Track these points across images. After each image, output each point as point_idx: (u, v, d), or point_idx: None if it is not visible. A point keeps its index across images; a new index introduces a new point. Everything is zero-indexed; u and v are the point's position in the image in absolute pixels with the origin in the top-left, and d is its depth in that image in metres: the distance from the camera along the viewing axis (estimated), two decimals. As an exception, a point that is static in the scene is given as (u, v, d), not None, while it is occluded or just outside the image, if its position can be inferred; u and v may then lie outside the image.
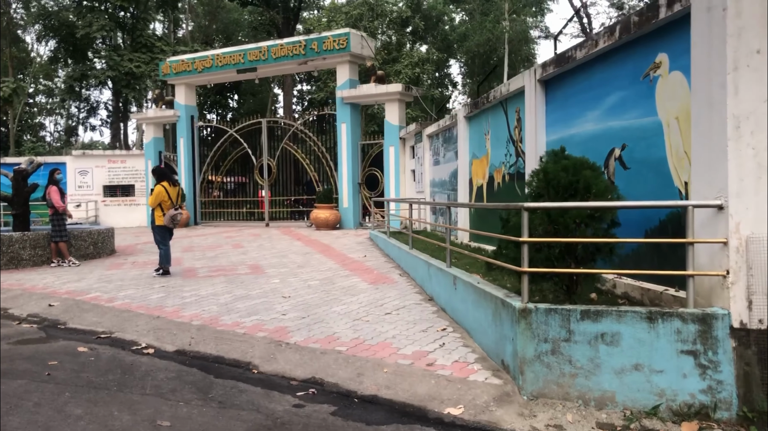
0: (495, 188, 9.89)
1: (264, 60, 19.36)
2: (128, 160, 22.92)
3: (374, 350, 5.86)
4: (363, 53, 18.33)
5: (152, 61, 30.16)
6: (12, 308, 8.60)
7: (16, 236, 12.06)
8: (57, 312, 8.11)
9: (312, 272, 10.21)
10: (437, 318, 6.94)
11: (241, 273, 10.30)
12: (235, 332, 6.67)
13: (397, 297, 8.15)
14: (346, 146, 18.26)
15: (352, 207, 18.28)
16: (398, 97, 17.53)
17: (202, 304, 8.05)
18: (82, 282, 10.01)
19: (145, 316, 7.56)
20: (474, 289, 5.95)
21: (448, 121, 12.78)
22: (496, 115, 9.77)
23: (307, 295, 8.41)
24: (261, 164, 20.52)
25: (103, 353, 6.34)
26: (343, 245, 13.78)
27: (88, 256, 12.88)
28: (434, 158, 14.39)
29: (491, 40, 46.71)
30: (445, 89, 45.69)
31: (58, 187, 12.27)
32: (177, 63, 21.28)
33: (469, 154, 11.38)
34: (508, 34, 46.08)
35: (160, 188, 10.06)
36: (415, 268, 9.04)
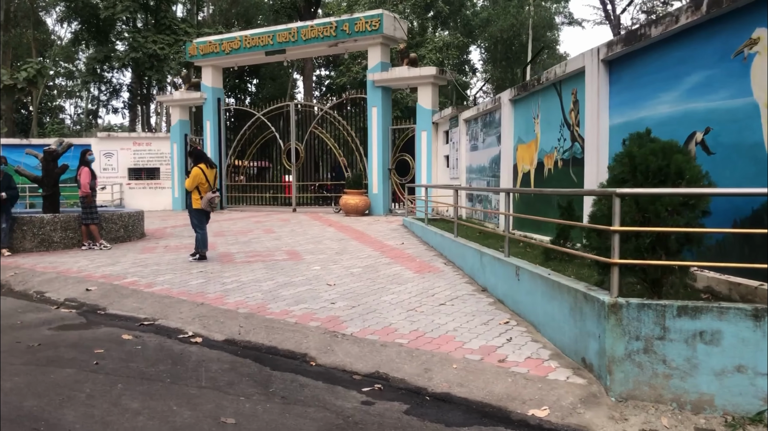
0: (545, 174, 9.49)
1: (293, 42, 18.97)
2: (153, 143, 22.69)
3: (437, 343, 5.52)
4: (395, 35, 17.89)
5: (176, 43, 29.85)
6: (48, 292, 8.36)
7: (47, 218, 11.83)
8: (95, 297, 7.85)
9: (352, 259, 9.88)
10: (496, 311, 6.59)
11: (279, 260, 9.99)
12: (286, 321, 6.36)
13: (446, 287, 7.80)
14: (377, 131, 17.88)
15: (382, 193, 17.92)
16: (432, 81, 17.09)
17: (246, 291, 7.75)
18: (116, 266, 9.75)
19: (188, 303, 7.27)
20: (544, 281, 5.58)
21: (489, 104, 12.35)
22: (548, 98, 9.35)
23: (352, 283, 8.08)
24: (288, 148, 20.19)
25: (149, 341, 6.06)
26: (377, 232, 13.44)
27: (119, 239, 12.64)
28: (472, 143, 13.98)
29: (515, 25, 46.01)
30: (465, 75, 44.97)
31: (89, 168, 12.00)
32: (204, 44, 20.95)
33: (513, 139, 10.96)
34: (532, 19, 45.32)
35: (198, 170, 9.76)
36: (463, 257, 8.68)
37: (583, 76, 8.09)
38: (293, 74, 45.10)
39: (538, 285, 5.76)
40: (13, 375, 4.99)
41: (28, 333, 6.35)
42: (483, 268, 7.63)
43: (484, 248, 7.90)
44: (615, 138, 7.36)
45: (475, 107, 13.53)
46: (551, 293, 5.42)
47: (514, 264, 6.46)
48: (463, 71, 49.40)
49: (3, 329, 6.54)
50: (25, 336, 6.22)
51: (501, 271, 6.93)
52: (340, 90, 40.01)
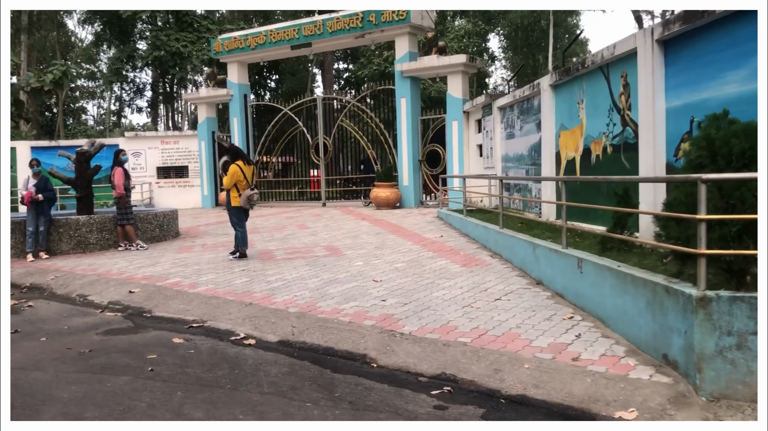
0: (593, 161, 9.18)
1: (319, 34, 18.74)
2: (181, 141, 22.63)
3: (502, 342, 5.28)
4: (423, 24, 17.57)
5: (198, 41, 29.81)
6: (91, 295, 8.25)
7: (83, 220, 11.76)
8: (139, 300, 7.72)
9: (393, 254, 9.66)
10: (556, 305, 6.33)
11: (319, 256, 9.80)
12: (340, 320, 6.16)
13: (498, 280, 7.54)
14: (406, 122, 17.60)
15: (413, 185, 17.65)
16: (462, 69, 16.76)
17: (292, 289, 7.57)
18: (156, 266, 9.63)
19: (236, 303, 7.10)
20: (614, 273, 5.31)
21: (527, 90, 12.02)
22: (594, 82, 9.03)
23: (399, 279, 7.86)
24: (316, 143, 19.99)
25: (202, 345, 5.89)
26: (412, 224, 13.20)
27: (154, 239, 12.55)
28: (507, 131, 13.66)
29: (535, 11, 45.37)
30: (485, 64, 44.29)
31: (123, 168, 11.90)
32: (229, 40, 20.80)
33: (555, 126, 10.64)
34: (553, 4, 44.66)
35: (236, 168, 9.59)
36: (511, 249, 8.41)
37: (634, 58, 7.77)
38: (312, 69, 44.95)
39: (605, 278, 5.49)
40: (70, 383, 4.84)
41: (77, 339, 6.22)
42: (537, 260, 7.36)
43: (536, 240, 7.64)
44: (672, 121, 7.04)
45: (511, 94, 13.20)
46: (622, 286, 5.14)
47: (576, 256, 6.19)
48: (483, 59, 48.69)
49: (51, 335, 6.43)
50: (74, 342, 6.09)
51: (559, 263, 6.66)
52: (360, 82, 39.77)
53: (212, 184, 22.21)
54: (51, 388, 4.75)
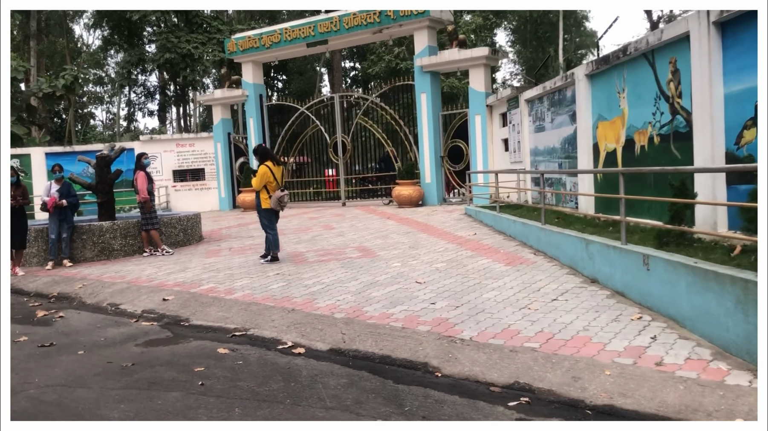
0: (637, 152, 8.80)
1: (336, 31, 18.41)
2: (197, 143, 22.36)
3: (573, 346, 4.95)
4: (442, 17, 17.23)
5: (209, 42, 29.56)
6: (123, 303, 7.96)
7: (107, 226, 11.48)
8: (174, 308, 7.42)
9: (430, 253, 9.33)
10: (619, 305, 5.99)
11: (353, 257, 9.48)
12: (392, 326, 5.83)
13: (548, 279, 7.21)
14: (427, 117, 17.26)
15: (436, 182, 17.31)
16: (484, 62, 16.39)
17: (333, 293, 7.25)
18: (187, 272, 9.34)
19: (277, 309, 6.78)
20: (691, 271, 4.96)
21: (559, 81, 11.66)
22: (637, 69, 8.65)
23: (443, 280, 7.53)
24: (335, 141, 19.67)
25: (249, 355, 5.58)
26: (441, 222, 12.87)
27: (179, 244, 12.26)
28: (536, 124, 13.29)
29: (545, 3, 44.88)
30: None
31: (145, 172, 11.62)
32: (243, 40, 20.50)
33: (592, 117, 10.28)
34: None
35: (265, 168, 9.27)
36: (558, 246, 8.07)
37: (683, 43, 7.41)
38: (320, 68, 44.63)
39: (680, 276, 5.14)
40: (118, 401, 4.54)
41: (117, 352, 5.92)
42: (590, 258, 7.01)
43: (589, 236, 7.28)
44: (732, 108, 6.67)
45: (540, 86, 12.84)
46: (703, 283, 4.79)
47: (641, 253, 5.84)
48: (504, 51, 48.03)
49: (88, 347, 6.13)
50: (114, 355, 5.79)
51: (618, 260, 6.32)
52: (369, 80, 39.39)
53: (229, 186, 21.95)
54: (99, 407, 4.45)
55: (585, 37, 51.32)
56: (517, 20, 48.23)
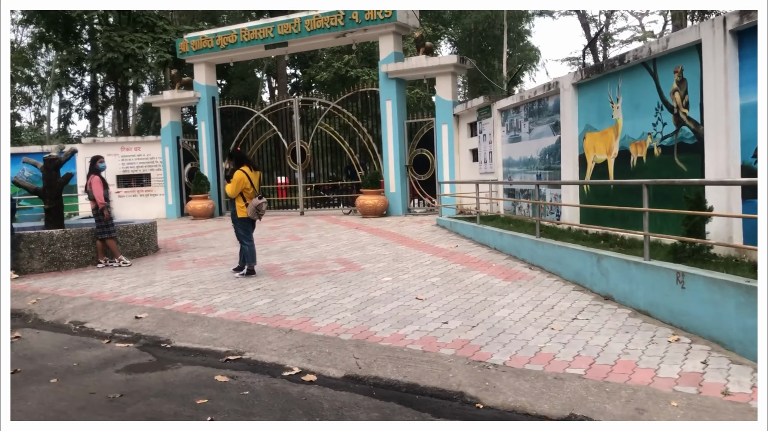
0: (633, 164, 8.56)
1: (297, 33, 17.77)
2: (143, 147, 21.24)
3: (622, 372, 4.54)
4: (408, 23, 16.84)
5: (153, 42, 28.30)
6: (88, 321, 7.14)
7: (57, 234, 10.52)
8: (150, 327, 6.67)
9: (418, 267, 8.84)
10: (647, 325, 5.64)
11: (336, 270, 8.90)
12: (410, 349, 5.30)
13: (557, 296, 6.83)
14: (392, 125, 16.80)
15: (401, 192, 16.86)
16: (452, 70, 16.08)
17: (329, 311, 6.66)
18: (154, 286, 8.55)
19: (272, 329, 6.15)
20: (744, 290, 4.62)
21: (539, 90, 11.40)
22: (635, 79, 8.42)
23: (445, 296, 7.06)
24: (293, 148, 18.97)
25: (253, 383, 4.94)
26: (415, 234, 12.40)
27: (135, 254, 11.38)
28: (511, 134, 13.02)
29: (490, 16, 45.39)
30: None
31: (100, 176, 10.74)
32: (196, 40, 19.60)
33: (578, 127, 10.03)
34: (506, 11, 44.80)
35: (242, 174, 8.60)
36: (559, 261, 7.71)
37: (691, 52, 7.20)
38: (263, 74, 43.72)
39: (727, 295, 4.80)
40: (116, 445, 3.85)
41: (97, 380, 5.18)
42: (603, 273, 6.66)
43: (601, 250, 6.94)
44: (749, 119, 6.46)
45: (516, 95, 12.59)
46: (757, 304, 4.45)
47: (672, 270, 5.50)
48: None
49: (61, 374, 5.35)
50: (95, 384, 5.05)
51: (641, 277, 5.97)
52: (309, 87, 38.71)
53: (177, 193, 20.92)
54: (95, 453, 3.75)
55: (527, 51, 52.09)
56: (462, 32, 48.55)
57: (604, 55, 42.29)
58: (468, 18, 44.95)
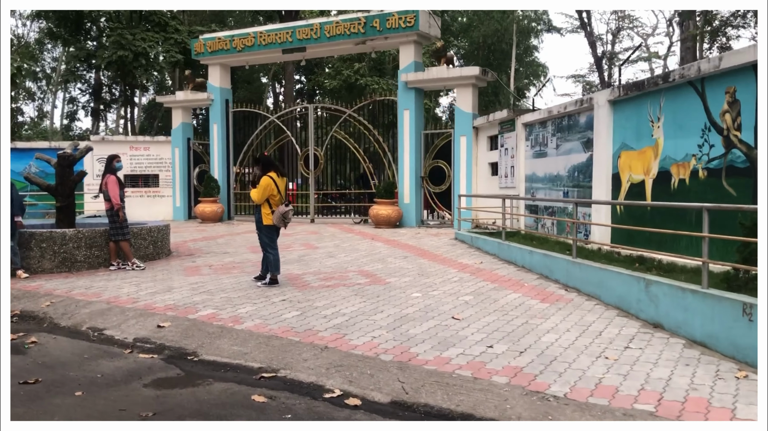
0: (674, 185, 8.27)
1: (315, 39, 17.49)
2: (152, 147, 20.92)
3: (695, 411, 4.23)
4: (430, 33, 16.58)
5: (165, 41, 28.07)
6: (107, 328, 6.80)
7: (70, 233, 10.19)
8: (174, 337, 6.34)
9: (446, 283, 8.53)
10: (706, 357, 5.33)
11: (361, 284, 8.58)
12: (460, 375, 4.98)
13: (602, 322, 6.52)
14: (409, 135, 16.52)
15: (415, 203, 16.56)
16: (473, 82, 15.80)
17: (362, 328, 6.34)
18: (174, 293, 8.21)
19: (305, 346, 5.82)
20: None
21: (570, 106, 11.12)
22: (680, 98, 8.14)
23: (482, 317, 6.74)
24: (306, 154, 18.67)
25: (294, 405, 4.61)
26: (434, 247, 12.09)
27: (148, 257, 11.04)
28: (535, 150, 12.73)
29: (499, 30, 45.31)
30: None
31: (116, 176, 10.43)
32: (212, 41, 19.32)
33: (613, 145, 9.75)
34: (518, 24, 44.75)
35: (269, 180, 8.28)
36: (600, 284, 7.40)
37: (746, 72, 6.91)
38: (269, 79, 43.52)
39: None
40: (158, 474, 3.51)
41: (125, 394, 4.84)
42: (652, 300, 6.35)
43: (650, 275, 6.63)
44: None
45: (544, 110, 12.31)
46: None
47: (737, 300, 5.20)
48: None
49: (85, 386, 5.02)
50: (123, 399, 4.71)
51: (699, 307, 5.66)
52: (312, 94, 38.40)
53: (185, 195, 20.60)
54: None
55: (535, 67, 52.00)
56: (470, 45, 48.46)
57: (609, 73, 42.32)
58: (477, 31, 44.88)
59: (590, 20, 38.94)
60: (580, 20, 39.46)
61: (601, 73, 41.31)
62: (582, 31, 40.19)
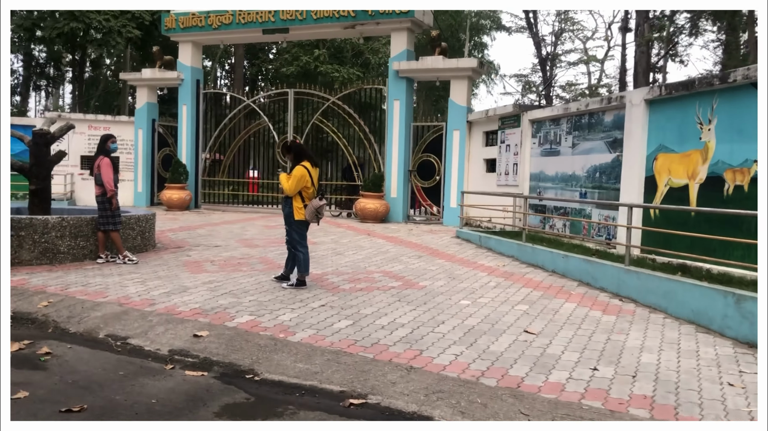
0: (728, 192, 7.87)
1: (301, 20, 16.51)
2: (113, 127, 19.39)
3: None
4: (424, 20, 15.88)
5: (122, 15, 26.31)
6: (132, 337, 5.86)
7: (54, 221, 9.06)
8: (219, 350, 5.47)
9: (486, 289, 7.92)
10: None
11: (395, 287, 7.86)
12: (590, 406, 4.34)
13: (688, 339, 6.04)
14: (399, 127, 15.79)
15: (403, 197, 15.87)
16: (470, 74, 15.21)
17: (434, 342, 5.64)
18: (191, 293, 7.27)
19: (385, 364, 5.08)
20: None
21: (593, 104, 10.66)
22: (740, 100, 7.75)
23: (556, 331, 6.15)
24: (285, 141, 17.66)
25: (414, 445, 3.86)
26: (442, 246, 11.46)
27: (135, 249, 9.97)
28: (545, 147, 12.24)
29: (453, 26, 45.09)
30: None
31: (110, 159, 9.36)
32: (186, 16, 18.03)
33: (648, 146, 9.32)
34: (470, 20, 44.67)
35: (303, 170, 7.44)
36: (669, 296, 6.91)
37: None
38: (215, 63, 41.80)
39: None
40: None
41: (198, 429, 3.98)
42: (746, 317, 5.88)
43: (741, 290, 6.16)
44: None
45: (559, 106, 11.82)
46: None
47: None
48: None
49: (142, 414, 4.13)
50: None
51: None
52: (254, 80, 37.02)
53: (148, 180, 19.34)
54: None
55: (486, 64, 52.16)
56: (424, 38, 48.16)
57: (551, 74, 42.58)
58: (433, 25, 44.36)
59: (536, 21, 39.21)
60: (526, 21, 39.68)
61: (544, 73, 41.63)
62: (527, 31, 40.46)
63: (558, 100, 41.84)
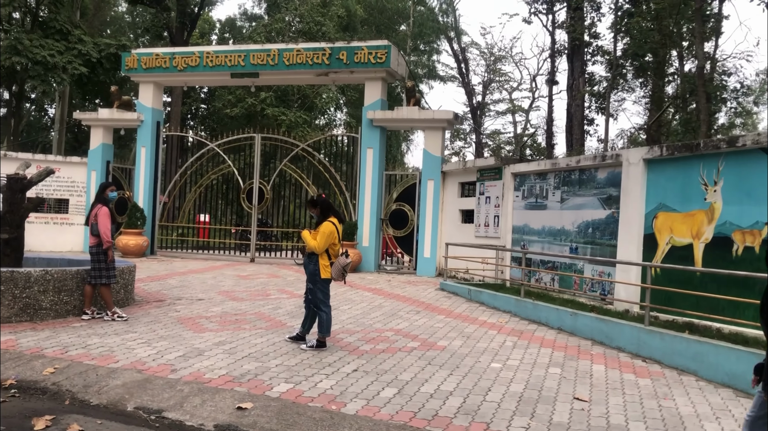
0: (737, 252, 8.07)
1: (272, 65, 16.28)
2: (64, 168, 18.49)
3: None
4: (398, 71, 15.96)
5: (67, 51, 25.36)
6: (166, 410, 5.36)
7: (37, 274, 8.38)
8: (271, 425, 5.07)
9: (506, 350, 7.78)
10: None
11: (415, 347, 7.61)
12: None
13: (734, 404, 6.04)
14: (371, 175, 15.68)
15: (375, 246, 15.67)
16: (445, 125, 15.34)
17: (497, 415, 5.40)
18: (209, 357, 6.77)
19: (461, 442, 4.80)
20: None
21: (585, 161, 10.85)
22: (748, 163, 8.02)
23: (604, 397, 6.04)
24: (250, 187, 17.24)
25: None
26: (432, 299, 11.30)
27: (118, 304, 9.30)
28: (529, 201, 12.35)
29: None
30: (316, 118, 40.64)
31: (109, 208, 8.81)
32: (149, 57, 17.49)
33: (646, 205, 9.51)
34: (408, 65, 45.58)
35: (332, 227, 7.16)
36: (699, 358, 6.92)
37: None
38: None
39: None
40: None
41: None
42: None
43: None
44: None
45: (545, 161, 11.99)
46: None
47: None
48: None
49: None
50: None
51: None
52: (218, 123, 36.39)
53: (100, 224, 18.32)
54: None
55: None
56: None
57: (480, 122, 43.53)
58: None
59: (468, 70, 40.16)
60: (458, 70, 40.61)
61: (476, 121, 42.53)
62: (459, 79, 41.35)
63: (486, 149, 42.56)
